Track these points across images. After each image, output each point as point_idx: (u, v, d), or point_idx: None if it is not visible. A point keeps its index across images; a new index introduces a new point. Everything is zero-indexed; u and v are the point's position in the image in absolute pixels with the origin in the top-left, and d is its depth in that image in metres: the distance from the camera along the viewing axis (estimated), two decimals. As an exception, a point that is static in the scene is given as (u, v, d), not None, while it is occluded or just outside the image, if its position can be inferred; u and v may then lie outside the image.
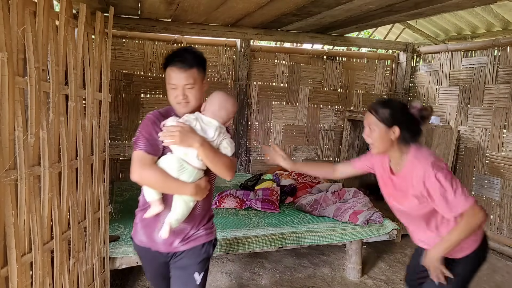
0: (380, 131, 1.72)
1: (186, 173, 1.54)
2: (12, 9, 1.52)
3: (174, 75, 1.64)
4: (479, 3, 3.06)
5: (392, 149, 1.76)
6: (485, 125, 4.01)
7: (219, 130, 1.64)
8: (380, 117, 1.72)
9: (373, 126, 1.74)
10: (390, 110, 1.72)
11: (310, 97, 4.93)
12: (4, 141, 1.51)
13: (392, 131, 1.71)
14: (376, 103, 1.77)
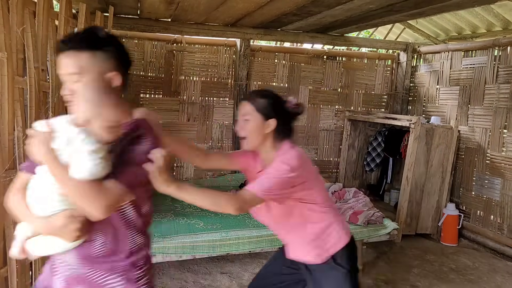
0: (256, 122, 1.58)
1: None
2: (11, 9, 1.52)
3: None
4: (480, 3, 3.06)
5: (264, 144, 1.62)
6: (485, 125, 4.01)
7: (76, 138, 1.07)
8: (258, 107, 1.59)
9: (249, 116, 1.59)
10: (269, 100, 1.60)
11: (310, 97, 4.92)
12: (4, 141, 1.50)
13: (268, 124, 1.58)
14: (254, 93, 1.72)
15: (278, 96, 1.67)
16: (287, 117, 1.64)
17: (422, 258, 3.58)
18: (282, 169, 1.49)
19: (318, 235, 1.64)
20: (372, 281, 3.10)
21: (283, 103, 1.64)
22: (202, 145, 4.36)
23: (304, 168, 1.56)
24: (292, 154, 1.55)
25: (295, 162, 1.51)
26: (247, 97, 1.64)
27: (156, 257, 2.63)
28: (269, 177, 1.49)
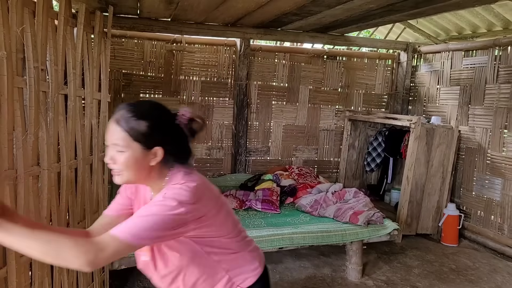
0: (134, 155, 1.15)
1: None
2: (11, 9, 1.51)
3: None
4: (480, 3, 3.05)
5: (149, 177, 1.21)
6: (486, 125, 4.00)
7: None
8: (135, 135, 1.15)
9: (120, 146, 1.15)
10: (149, 122, 1.16)
11: (310, 97, 4.92)
12: (3, 141, 1.50)
13: (153, 154, 1.18)
14: (125, 110, 1.17)
15: (162, 112, 1.23)
16: (179, 139, 1.23)
17: (423, 259, 3.58)
18: (166, 205, 1.09)
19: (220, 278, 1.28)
20: (372, 281, 3.10)
21: (171, 121, 1.22)
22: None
23: (201, 201, 1.17)
24: (183, 187, 1.15)
25: (185, 196, 1.12)
26: (116, 118, 1.16)
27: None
28: (146, 215, 1.09)
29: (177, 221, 1.11)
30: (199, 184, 1.19)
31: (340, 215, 3.32)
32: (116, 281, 2.84)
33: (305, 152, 4.97)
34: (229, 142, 4.69)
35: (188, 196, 1.13)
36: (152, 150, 1.17)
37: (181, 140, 1.24)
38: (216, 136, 4.65)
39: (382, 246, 3.75)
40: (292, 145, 4.90)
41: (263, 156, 4.84)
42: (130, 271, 2.94)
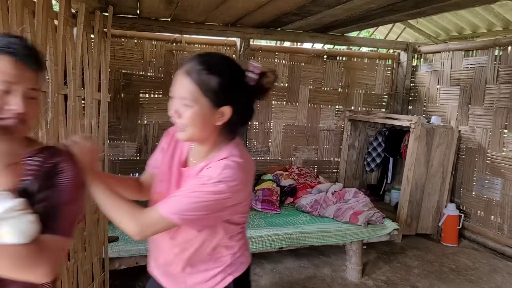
0: (202, 111, 1.07)
1: None
2: (11, 9, 1.51)
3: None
4: (480, 3, 3.05)
5: (209, 139, 1.15)
6: (486, 125, 4.00)
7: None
8: (207, 89, 1.06)
9: (188, 100, 1.07)
10: (221, 78, 1.07)
11: (310, 97, 4.92)
12: (2, 141, 1.50)
13: (220, 113, 1.10)
14: (196, 61, 1.08)
15: (234, 68, 1.13)
16: (247, 100, 1.16)
17: (422, 259, 3.58)
18: (215, 189, 1.06)
19: (224, 261, 1.24)
20: (372, 281, 3.10)
21: (243, 79, 1.12)
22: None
23: (245, 186, 1.14)
24: (237, 167, 1.10)
25: (236, 181, 1.08)
26: (186, 69, 1.08)
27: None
28: (193, 195, 1.07)
29: (220, 205, 1.09)
30: (248, 164, 1.15)
31: (340, 215, 3.32)
32: (116, 281, 2.84)
33: (305, 152, 4.97)
34: (229, 142, 4.69)
35: (237, 181, 1.09)
36: (220, 108, 1.09)
37: (249, 102, 1.18)
38: (216, 136, 4.65)
39: (382, 246, 3.75)
40: (292, 145, 4.90)
41: (263, 156, 4.84)
42: (130, 271, 2.94)
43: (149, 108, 4.40)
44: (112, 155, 4.24)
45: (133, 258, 2.59)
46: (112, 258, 2.53)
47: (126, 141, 4.36)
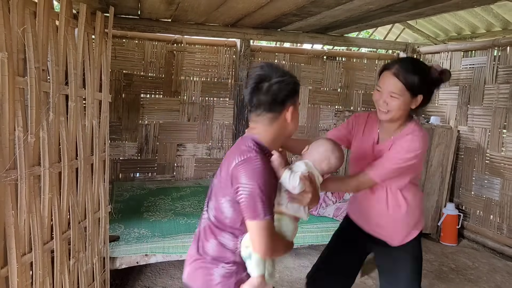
0: (404, 100, 1.53)
1: (295, 231, 1.40)
2: (12, 9, 1.52)
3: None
4: (479, 3, 3.06)
5: (400, 118, 1.60)
6: (485, 125, 4.01)
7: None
8: (409, 85, 1.51)
9: (396, 94, 1.52)
10: (420, 77, 1.52)
11: (310, 97, 4.93)
12: (4, 141, 1.51)
13: (416, 100, 1.56)
14: (403, 66, 1.54)
15: (426, 67, 1.59)
16: (431, 90, 1.60)
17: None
18: (406, 157, 1.55)
19: (410, 216, 1.70)
20: (372, 280, 3.11)
21: (431, 76, 1.57)
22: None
23: (425, 152, 1.62)
24: (420, 139, 1.57)
25: (420, 149, 1.56)
26: (394, 71, 1.53)
27: (157, 256, 2.64)
28: (390, 162, 1.56)
29: (409, 167, 1.58)
30: (424, 134, 1.60)
31: (339, 215, 3.32)
32: (117, 280, 2.85)
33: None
34: (229, 142, 4.70)
35: (421, 150, 1.56)
36: (417, 97, 1.56)
37: (432, 92, 1.61)
38: (217, 136, 4.66)
39: (382, 246, 3.76)
40: (292, 145, 4.90)
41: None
42: (130, 270, 2.95)
43: (149, 108, 4.41)
44: (113, 155, 4.26)
45: (134, 258, 2.60)
46: (113, 258, 2.54)
47: (127, 141, 4.38)
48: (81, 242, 2.15)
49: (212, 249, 1.34)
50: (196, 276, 1.37)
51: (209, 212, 1.40)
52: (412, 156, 1.54)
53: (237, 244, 1.31)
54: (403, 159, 1.55)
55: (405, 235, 1.73)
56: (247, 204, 1.22)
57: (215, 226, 1.35)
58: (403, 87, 1.52)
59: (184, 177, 4.61)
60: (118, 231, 2.83)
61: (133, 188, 3.99)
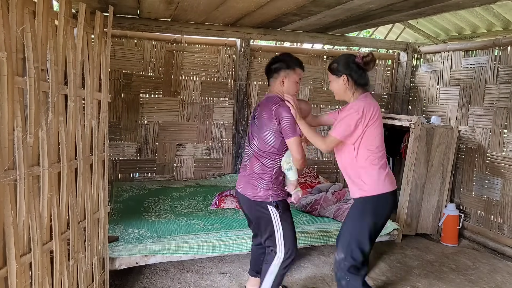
0: (336, 82, 2.26)
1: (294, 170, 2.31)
2: (11, 9, 1.51)
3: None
4: (480, 3, 3.06)
5: (347, 95, 2.26)
6: (485, 125, 4.00)
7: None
8: (331, 69, 2.29)
9: (330, 79, 2.32)
10: (337, 63, 2.24)
11: (310, 97, 4.92)
12: (3, 141, 1.50)
13: (342, 79, 2.21)
14: (331, 62, 2.32)
15: (345, 57, 2.25)
16: (353, 71, 2.19)
17: (423, 258, 3.58)
18: (342, 116, 2.18)
19: (362, 174, 2.19)
20: (372, 281, 3.10)
21: (351, 60, 2.20)
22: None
23: (367, 115, 2.10)
24: (354, 105, 2.14)
25: (353, 109, 2.12)
26: (328, 65, 2.36)
27: (156, 257, 2.63)
28: (336, 123, 2.19)
29: (356, 123, 2.11)
30: (364, 103, 2.13)
31: (340, 215, 3.32)
32: (116, 280, 2.85)
33: (304, 151, 4.97)
34: (229, 142, 4.69)
35: (351, 108, 2.14)
36: (341, 77, 2.23)
37: (358, 71, 2.20)
38: (216, 136, 4.66)
39: (382, 246, 3.75)
40: (292, 145, 4.90)
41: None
42: (130, 271, 2.94)
43: (149, 108, 4.40)
44: (112, 155, 4.25)
45: (133, 258, 2.60)
46: (112, 258, 2.53)
47: (126, 141, 4.37)
48: (81, 242, 2.14)
49: (257, 169, 2.25)
50: (247, 187, 2.27)
51: (253, 147, 2.28)
52: (346, 115, 2.14)
53: (273, 164, 2.25)
54: (341, 117, 2.17)
55: (354, 191, 2.26)
56: (290, 127, 2.15)
57: (259, 153, 2.25)
58: (329, 73, 2.31)
59: (184, 177, 4.61)
60: (117, 231, 2.82)
61: (132, 188, 3.98)
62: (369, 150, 2.16)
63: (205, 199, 3.76)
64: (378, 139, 2.18)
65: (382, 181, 2.17)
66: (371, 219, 2.19)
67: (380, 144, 2.20)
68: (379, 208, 2.20)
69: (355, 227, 2.21)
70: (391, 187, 2.21)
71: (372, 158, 2.16)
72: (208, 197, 3.80)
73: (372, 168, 2.16)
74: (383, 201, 2.19)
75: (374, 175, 2.16)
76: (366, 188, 2.18)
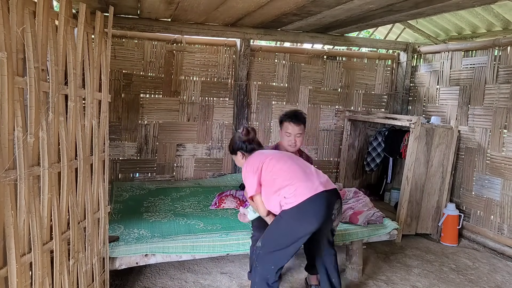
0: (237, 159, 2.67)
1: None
2: (11, 9, 1.51)
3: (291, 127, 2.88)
4: (480, 3, 3.06)
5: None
6: (485, 125, 4.01)
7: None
8: (304, 123, 2.90)
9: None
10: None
11: (310, 97, 4.93)
12: (4, 141, 1.50)
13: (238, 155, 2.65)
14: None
15: (233, 139, 2.75)
16: (246, 145, 2.65)
17: (422, 258, 3.58)
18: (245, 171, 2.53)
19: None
20: (372, 281, 3.10)
21: (238, 140, 2.68)
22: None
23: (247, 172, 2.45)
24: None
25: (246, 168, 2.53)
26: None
27: (156, 257, 2.63)
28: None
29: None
30: (249, 161, 2.50)
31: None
32: (117, 280, 2.85)
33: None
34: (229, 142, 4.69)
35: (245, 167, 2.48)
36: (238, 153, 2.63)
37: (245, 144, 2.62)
38: (216, 136, 4.66)
39: (382, 246, 3.75)
40: (292, 145, 4.90)
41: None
42: (130, 271, 2.95)
43: (149, 108, 4.41)
44: (112, 155, 4.25)
45: (133, 258, 2.60)
46: (112, 258, 2.54)
47: (126, 141, 4.37)
48: (81, 242, 2.14)
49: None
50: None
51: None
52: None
53: None
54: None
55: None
56: None
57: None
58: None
59: (184, 177, 4.61)
60: (117, 231, 2.82)
61: (132, 188, 3.98)
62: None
63: (205, 199, 3.76)
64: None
65: None
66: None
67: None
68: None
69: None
70: None
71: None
72: (208, 197, 3.80)
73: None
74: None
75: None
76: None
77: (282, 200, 2.26)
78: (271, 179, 2.32)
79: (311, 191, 2.23)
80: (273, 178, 2.31)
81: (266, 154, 2.46)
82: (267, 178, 2.33)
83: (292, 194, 2.23)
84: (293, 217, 2.22)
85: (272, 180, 2.31)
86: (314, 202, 2.21)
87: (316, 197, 2.22)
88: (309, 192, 2.22)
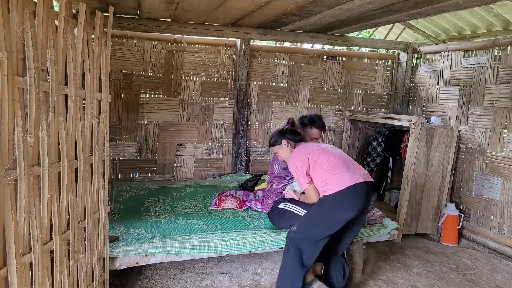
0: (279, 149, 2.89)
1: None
2: (11, 9, 1.51)
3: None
4: (480, 3, 3.06)
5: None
6: (485, 125, 4.01)
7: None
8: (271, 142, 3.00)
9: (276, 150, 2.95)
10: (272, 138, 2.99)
11: (310, 97, 4.93)
12: (4, 141, 1.50)
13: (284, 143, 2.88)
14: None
15: (278, 130, 2.95)
16: (292, 135, 2.90)
17: (422, 258, 3.58)
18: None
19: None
20: (372, 281, 3.10)
21: (285, 130, 2.91)
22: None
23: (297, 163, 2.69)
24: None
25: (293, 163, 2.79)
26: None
27: (156, 257, 2.63)
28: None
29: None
30: (295, 153, 2.76)
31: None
32: (117, 280, 2.85)
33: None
34: (229, 142, 4.69)
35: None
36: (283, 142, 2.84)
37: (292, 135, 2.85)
38: (216, 136, 4.66)
39: (382, 246, 3.75)
40: (292, 145, 4.89)
41: (263, 156, 4.85)
42: (130, 271, 2.95)
43: (149, 108, 4.41)
44: (112, 155, 4.25)
45: (134, 258, 2.60)
46: (112, 258, 2.54)
47: (126, 141, 4.37)
48: (81, 242, 2.14)
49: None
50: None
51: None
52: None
53: None
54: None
55: None
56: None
57: None
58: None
59: (184, 177, 4.61)
60: (117, 231, 2.82)
61: (132, 188, 3.98)
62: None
63: (205, 199, 3.76)
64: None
65: None
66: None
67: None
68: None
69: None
70: None
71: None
72: (208, 197, 3.80)
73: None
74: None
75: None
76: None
77: (325, 186, 2.50)
78: (318, 169, 2.55)
79: (353, 180, 2.44)
80: (319, 168, 2.54)
81: (310, 146, 2.72)
82: (314, 168, 2.57)
83: (335, 182, 2.46)
84: (335, 201, 2.44)
85: (318, 170, 2.55)
86: (355, 190, 2.42)
87: (357, 186, 2.43)
88: (351, 181, 2.43)
